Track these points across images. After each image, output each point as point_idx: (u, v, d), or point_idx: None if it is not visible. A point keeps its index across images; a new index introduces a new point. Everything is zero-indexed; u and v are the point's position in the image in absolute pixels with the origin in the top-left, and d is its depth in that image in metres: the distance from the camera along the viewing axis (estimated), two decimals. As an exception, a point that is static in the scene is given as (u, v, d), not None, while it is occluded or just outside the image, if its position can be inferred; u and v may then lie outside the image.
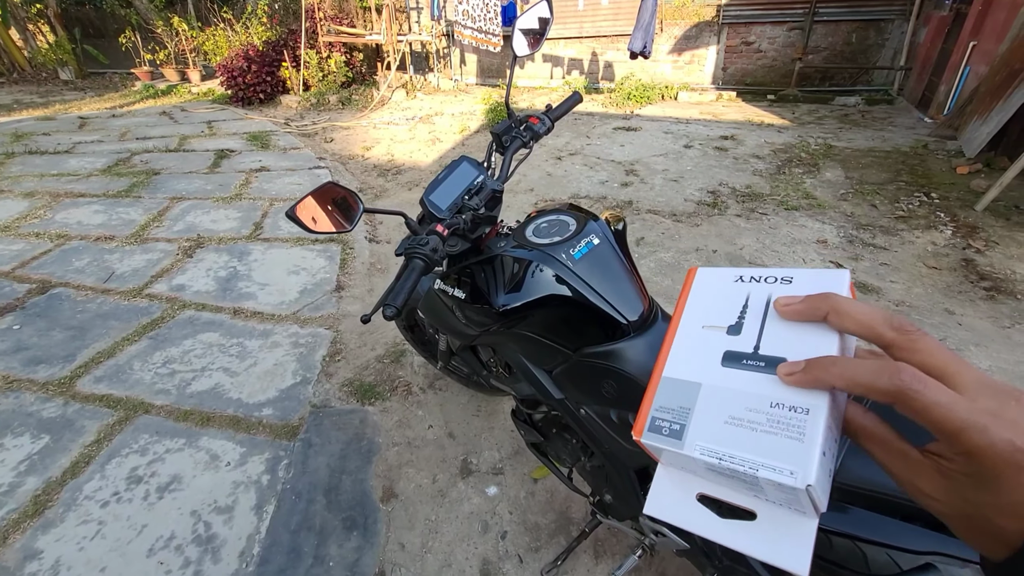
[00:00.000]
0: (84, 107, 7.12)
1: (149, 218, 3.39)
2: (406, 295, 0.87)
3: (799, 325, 0.34)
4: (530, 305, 0.99)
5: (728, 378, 0.35)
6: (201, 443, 1.78)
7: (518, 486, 1.67)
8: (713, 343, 0.37)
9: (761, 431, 0.31)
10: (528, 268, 0.99)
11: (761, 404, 0.32)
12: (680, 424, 0.34)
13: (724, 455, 0.32)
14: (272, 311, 2.49)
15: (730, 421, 0.33)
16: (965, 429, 0.25)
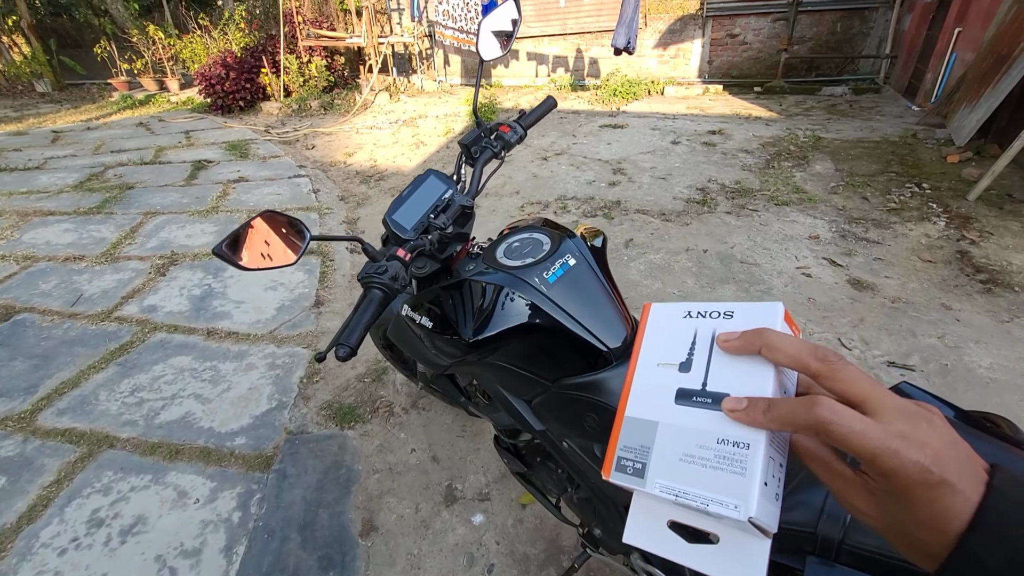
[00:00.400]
0: (59, 120, 6.95)
1: (121, 235, 3.27)
2: (362, 332, 0.78)
3: (740, 359, 0.37)
4: (503, 335, 0.90)
5: (680, 416, 0.37)
6: (168, 479, 1.67)
7: (505, 513, 1.58)
8: (667, 380, 0.39)
9: (709, 467, 0.34)
10: (499, 295, 0.90)
11: (709, 441, 0.34)
12: (642, 463, 0.37)
13: (679, 491, 0.34)
14: (248, 331, 2.38)
15: (684, 458, 0.35)
16: (879, 454, 0.27)
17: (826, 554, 0.61)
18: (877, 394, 0.29)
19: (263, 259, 0.75)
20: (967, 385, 1.94)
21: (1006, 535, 0.26)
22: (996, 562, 0.26)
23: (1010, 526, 0.26)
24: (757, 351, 0.34)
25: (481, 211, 3.59)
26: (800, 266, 2.76)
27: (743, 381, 0.36)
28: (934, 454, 0.27)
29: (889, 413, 0.28)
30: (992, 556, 0.26)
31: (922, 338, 2.19)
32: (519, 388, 1.05)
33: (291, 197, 3.83)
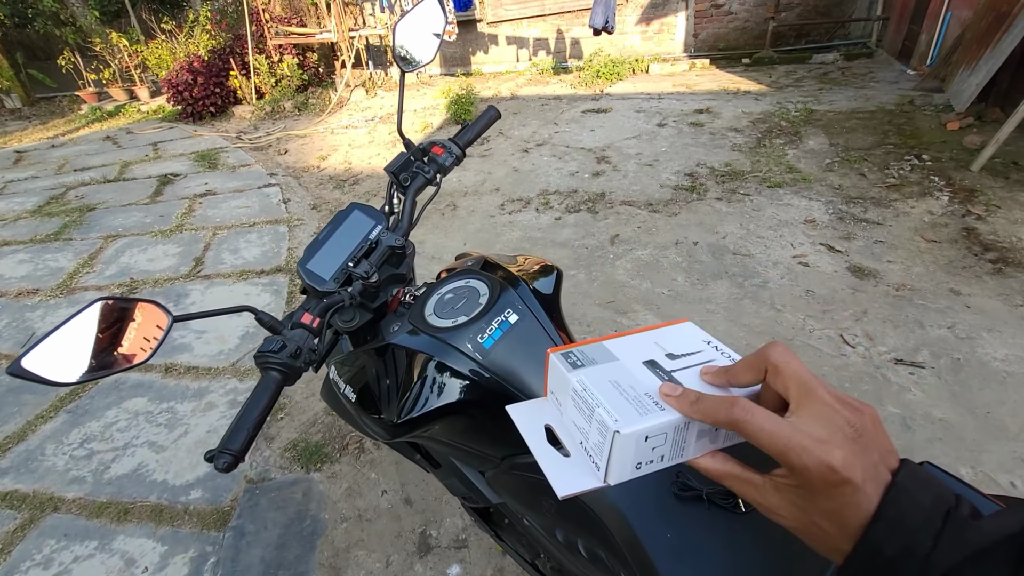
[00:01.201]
0: (25, 138, 6.72)
1: (79, 264, 3.09)
2: (250, 431, 0.62)
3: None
4: (435, 413, 0.74)
5: (635, 369, 0.40)
6: (116, 544, 1.53)
7: (484, 562, 1.44)
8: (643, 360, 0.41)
9: (624, 398, 0.36)
10: (426, 365, 0.74)
11: (640, 389, 0.37)
12: (582, 364, 0.40)
13: (589, 390, 0.37)
14: (209, 364, 2.23)
15: (612, 383, 0.38)
16: (785, 451, 0.30)
17: None
18: (805, 393, 0.31)
19: (95, 364, 0.59)
20: (982, 381, 1.79)
21: (904, 526, 0.28)
22: (893, 551, 0.28)
23: (907, 518, 0.28)
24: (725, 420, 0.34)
25: (459, 212, 3.41)
26: (796, 254, 2.59)
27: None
28: (842, 455, 0.29)
29: (809, 413, 0.31)
30: (890, 546, 0.28)
31: (931, 330, 2.03)
32: (469, 460, 0.90)
33: (260, 209, 3.65)
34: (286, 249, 3.10)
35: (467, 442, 0.80)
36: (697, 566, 0.61)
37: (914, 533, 0.28)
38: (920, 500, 0.29)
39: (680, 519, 0.64)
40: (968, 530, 0.28)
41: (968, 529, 0.28)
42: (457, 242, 3.03)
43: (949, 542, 0.28)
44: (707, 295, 2.37)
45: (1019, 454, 1.55)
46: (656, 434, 0.34)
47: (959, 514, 0.29)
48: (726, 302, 2.31)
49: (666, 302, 2.35)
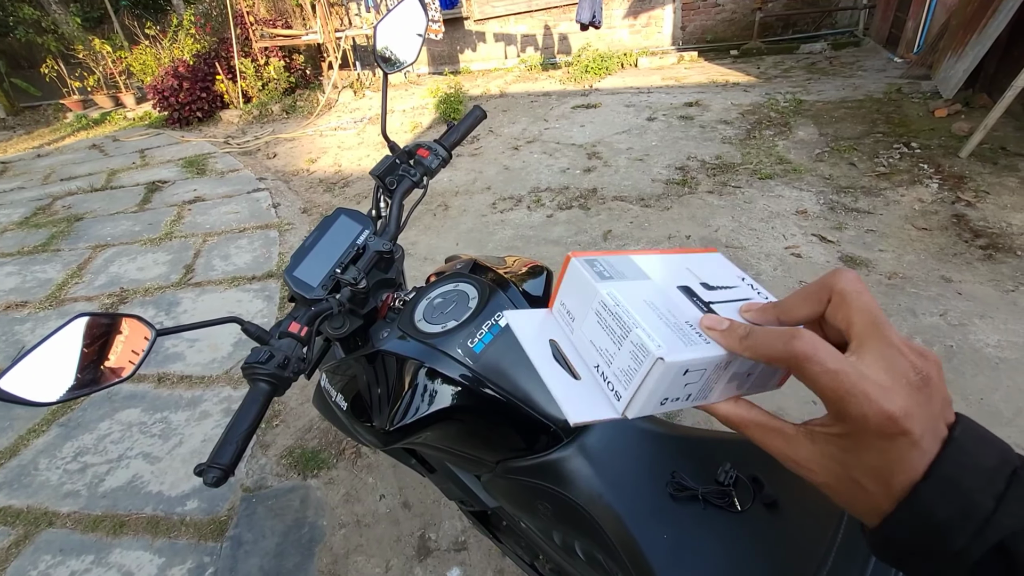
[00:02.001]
0: (10, 149, 6.64)
1: (68, 275, 3.06)
2: (239, 445, 0.61)
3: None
4: (427, 419, 0.73)
5: (671, 292, 0.35)
6: (112, 558, 1.52)
7: (484, 564, 1.44)
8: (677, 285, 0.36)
9: (663, 322, 0.32)
10: (417, 372, 0.73)
11: (680, 316, 0.33)
12: (610, 276, 0.35)
13: (621, 305, 0.32)
14: (202, 372, 2.21)
15: (648, 303, 0.33)
16: (848, 396, 0.26)
17: None
18: (874, 331, 0.27)
19: (79, 383, 0.57)
20: (975, 368, 1.80)
21: (960, 487, 0.25)
22: (946, 513, 0.25)
23: (965, 478, 0.26)
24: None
25: (450, 212, 3.40)
26: (789, 245, 2.60)
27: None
28: (904, 404, 0.25)
29: (874, 355, 0.27)
30: (943, 508, 0.25)
31: (923, 317, 2.04)
32: (464, 464, 0.89)
33: (250, 214, 3.62)
34: (277, 254, 3.08)
35: (461, 447, 0.79)
36: (694, 567, 0.60)
37: (972, 493, 0.25)
38: (981, 459, 0.26)
39: (676, 520, 0.64)
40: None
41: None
42: (449, 242, 3.02)
43: (1015, 505, 0.25)
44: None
45: (1014, 439, 1.56)
46: (696, 368, 0.30)
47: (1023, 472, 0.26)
48: (720, 295, 2.31)
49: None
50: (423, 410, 0.72)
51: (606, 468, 0.71)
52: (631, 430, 0.75)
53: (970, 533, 0.25)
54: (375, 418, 0.77)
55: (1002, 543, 0.24)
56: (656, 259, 0.37)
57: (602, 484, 0.69)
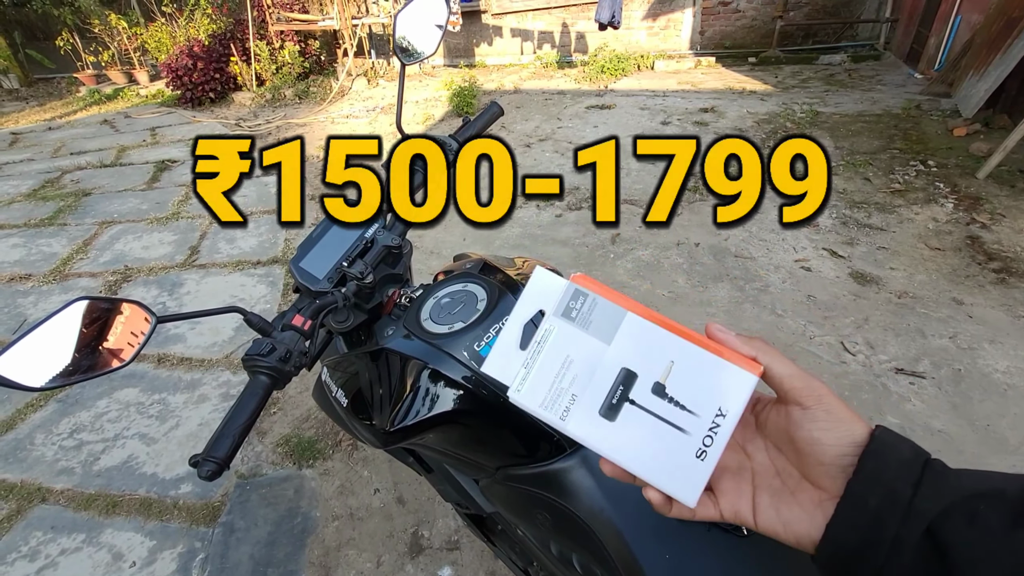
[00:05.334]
0: (22, 120, 6.64)
1: (73, 249, 3.05)
2: (236, 438, 0.60)
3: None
4: (428, 422, 0.72)
5: (606, 367, 0.37)
6: (103, 538, 1.51)
7: (476, 564, 1.43)
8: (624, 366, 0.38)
9: (556, 378, 0.37)
10: (420, 374, 0.72)
11: (579, 386, 0.37)
12: (572, 319, 0.38)
13: (545, 342, 0.38)
14: (202, 355, 2.20)
15: (567, 359, 0.38)
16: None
17: None
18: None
19: (75, 368, 0.56)
20: (983, 393, 1.77)
21: (883, 478, 0.29)
22: (876, 500, 0.28)
23: (886, 471, 0.29)
24: None
25: (459, 207, 3.37)
26: (799, 258, 2.57)
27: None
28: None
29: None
30: (872, 497, 0.29)
31: (932, 339, 2.01)
32: (463, 468, 0.87)
33: (257, 199, 3.61)
34: (283, 240, 3.07)
35: (461, 451, 0.78)
36: None
37: (894, 482, 0.28)
38: (898, 451, 0.29)
39: (679, 541, 0.62)
40: (949, 477, 0.29)
41: (949, 477, 0.29)
42: (456, 237, 3.00)
43: (930, 489, 0.28)
44: (707, 297, 2.35)
45: (1019, 467, 1.53)
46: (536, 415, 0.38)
47: (937, 465, 0.29)
48: (727, 305, 2.29)
49: (666, 304, 2.32)
50: (424, 412, 0.70)
51: (609, 482, 0.69)
52: None
53: (899, 518, 0.28)
54: (375, 417, 0.75)
55: (929, 529, 0.27)
56: (651, 333, 0.36)
57: (604, 498, 0.68)
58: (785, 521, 0.33)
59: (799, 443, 0.32)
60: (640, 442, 0.35)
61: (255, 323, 0.68)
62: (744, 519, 0.34)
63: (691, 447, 0.34)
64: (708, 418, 0.34)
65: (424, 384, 0.71)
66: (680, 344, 0.35)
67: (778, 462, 0.35)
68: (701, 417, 0.34)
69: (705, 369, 0.35)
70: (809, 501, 0.32)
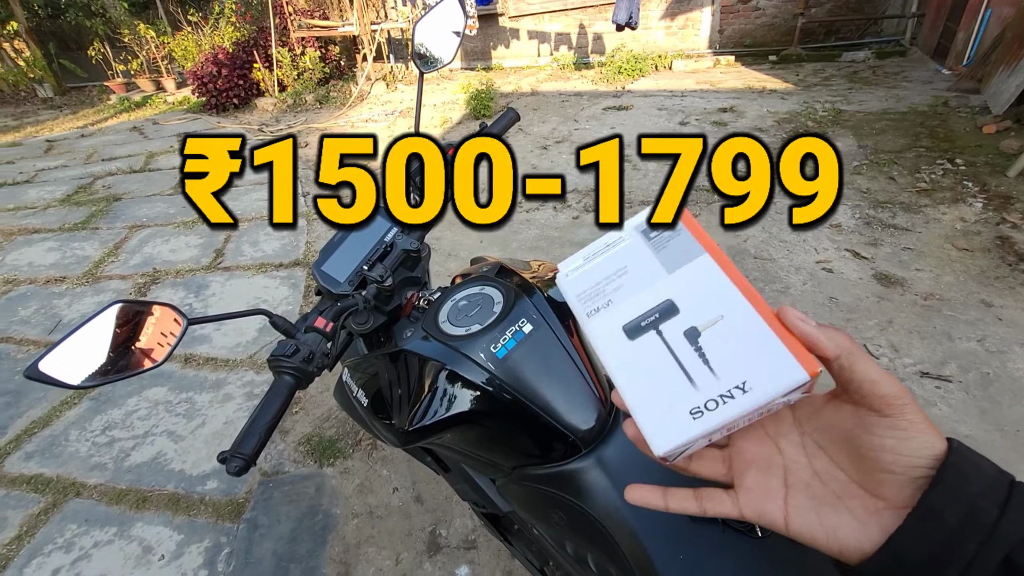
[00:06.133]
0: (56, 128, 6.89)
1: (104, 253, 3.16)
2: (262, 435, 0.62)
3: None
4: (446, 422, 0.73)
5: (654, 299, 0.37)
6: (134, 531, 1.57)
7: (493, 564, 1.44)
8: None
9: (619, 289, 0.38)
10: (438, 374, 0.73)
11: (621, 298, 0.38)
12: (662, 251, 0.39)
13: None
14: (227, 355, 2.26)
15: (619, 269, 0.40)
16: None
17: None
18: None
19: (112, 367, 0.59)
20: (1013, 398, 1.72)
21: (966, 492, 0.26)
22: (955, 518, 0.26)
23: (970, 484, 0.27)
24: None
25: (476, 209, 3.40)
26: (820, 260, 2.53)
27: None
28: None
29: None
30: (951, 512, 0.26)
31: (959, 342, 1.96)
32: (480, 467, 0.89)
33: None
34: (304, 243, 3.13)
35: (478, 451, 0.79)
36: None
37: (977, 499, 0.26)
38: (981, 468, 0.27)
39: (694, 541, 0.63)
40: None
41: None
42: (473, 240, 3.02)
43: (1017, 512, 0.25)
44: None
45: (1051, 476, 1.49)
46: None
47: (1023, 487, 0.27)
48: (745, 307, 2.26)
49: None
50: (442, 412, 0.72)
51: (624, 482, 0.70)
52: None
53: (979, 540, 0.25)
54: (394, 416, 0.77)
55: (1008, 557, 0.25)
56: (715, 281, 0.35)
57: (619, 498, 0.68)
58: (829, 527, 0.30)
59: (865, 448, 0.30)
60: (644, 371, 0.34)
61: (280, 325, 0.70)
62: (771, 521, 0.32)
63: (690, 401, 0.32)
64: (726, 385, 0.32)
65: (442, 385, 0.73)
66: (740, 304, 0.33)
67: (818, 462, 0.33)
68: (720, 380, 0.32)
69: (752, 340, 0.32)
70: (862, 509, 0.30)
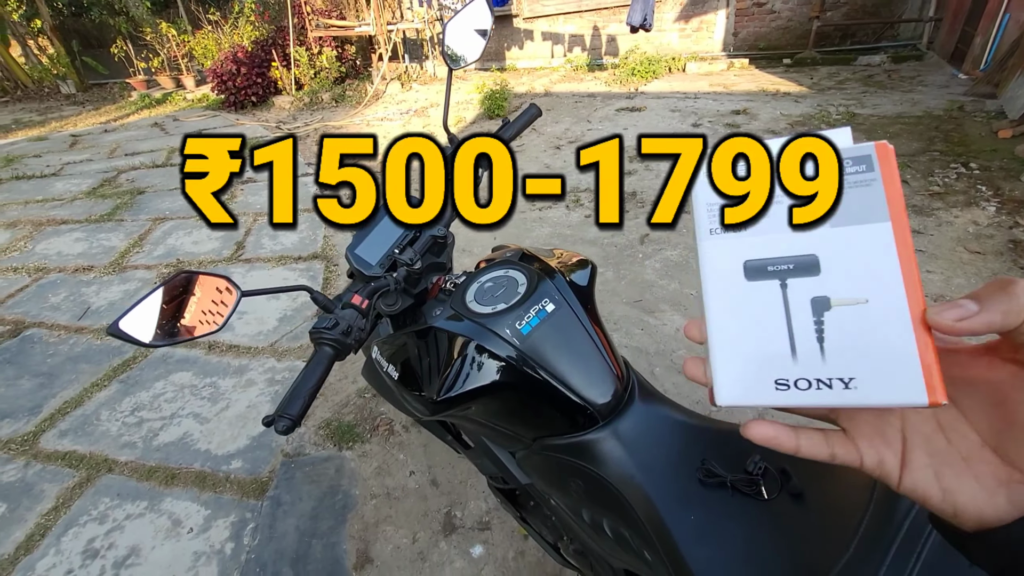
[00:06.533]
0: (80, 123, 7.07)
1: (130, 243, 3.27)
2: (307, 399, 0.68)
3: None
4: (473, 393, 0.79)
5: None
6: (164, 506, 1.64)
7: (506, 544, 1.49)
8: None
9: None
10: (466, 348, 0.79)
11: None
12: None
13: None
14: (249, 343, 2.34)
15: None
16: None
17: None
18: None
19: (177, 330, 0.65)
20: (1021, 398, 1.74)
21: None
22: None
23: None
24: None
25: (490, 207, 3.46)
26: (831, 260, 2.55)
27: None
28: None
29: None
30: None
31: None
32: (501, 440, 0.94)
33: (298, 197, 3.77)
34: (322, 237, 3.21)
35: (501, 422, 0.85)
36: (718, 548, 0.64)
37: None
38: None
39: (704, 504, 0.68)
40: None
41: None
42: (487, 236, 3.08)
43: None
44: (736, 298, 2.36)
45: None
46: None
47: None
48: (756, 305, 2.30)
49: (694, 303, 2.35)
50: (470, 384, 0.77)
51: (639, 451, 0.75)
52: (665, 418, 0.79)
53: None
54: (425, 388, 0.83)
55: None
56: (884, 259, 0.28)
57: (634, 466, 0.74)
58: (947, 489, 0.28)
59: (1020, 416, 0.27)
60: (745, 317, 0.30)
61: (320, 300, 0.76)
62: (887, 473, 0.30)
63: (782, 370, 0.29)
64: (830, 372, 0.28)
65: (470, 359, 0.78)
66: (896, 295, 0.27)
67: (947, 418, 0.30)
68: (825, 364, 0.28)
69: (886, 338, 0.27)
70: (992, 477, 0.28)
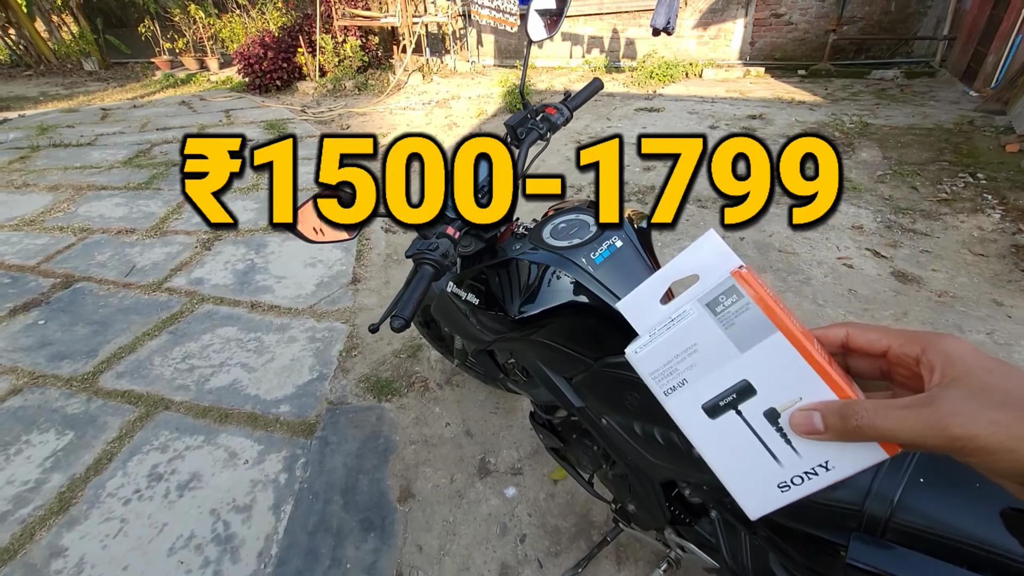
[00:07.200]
0: (107, 98, 7.21)
1: (168, 210, 3.40)
2: (415, 305, 0.81)
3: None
4: (548, 312, 0.92)
5: (725, 374, 0.37)
6: (220, 440, 1.78)
7: (537, 487, 1.63)
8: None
9: (676, 357, 0.37)
10: (545, 274, 0.93)
11: (701, 370, 0.37)
12: (720, 316, 0.36)
13: (677, 326, 0.37)
14: (289, 305, 2.47)
15: (691, 345, 0.37)
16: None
17: (872, 531, 0.62)
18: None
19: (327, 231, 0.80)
20: (1015, 383, 1.88)
21: None
22: None
23: None
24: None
25: (514, 193, 3.60)
26: (841, 256, 2.69)
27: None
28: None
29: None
30: None
31: (970, 334, 2.12)
32: (560, 365, 1.07)
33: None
34: (354, 213, 3.34)
35: (568, 343, 0.98)
36: None
37: None
38: None
39: None
40: None
41: None
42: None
43: None
44: (751, 285, 2.49)
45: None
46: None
47: None
48: (769, 292, 2.43)
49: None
50: (548, 303, 0.91)
51: None
52: None
53: None
54: (505, 308, 0.96)
55: None
56: (791, 362, 0.33)
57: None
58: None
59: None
60: (729, 448, 0.36)
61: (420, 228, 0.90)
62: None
63: (778, 477, 0.34)
64: (810, 464, 0.33)
65: (548, 282, 0.92)
66: (817, 385, 0.32)
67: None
68: (803, 459, 0.33)
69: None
70: None
